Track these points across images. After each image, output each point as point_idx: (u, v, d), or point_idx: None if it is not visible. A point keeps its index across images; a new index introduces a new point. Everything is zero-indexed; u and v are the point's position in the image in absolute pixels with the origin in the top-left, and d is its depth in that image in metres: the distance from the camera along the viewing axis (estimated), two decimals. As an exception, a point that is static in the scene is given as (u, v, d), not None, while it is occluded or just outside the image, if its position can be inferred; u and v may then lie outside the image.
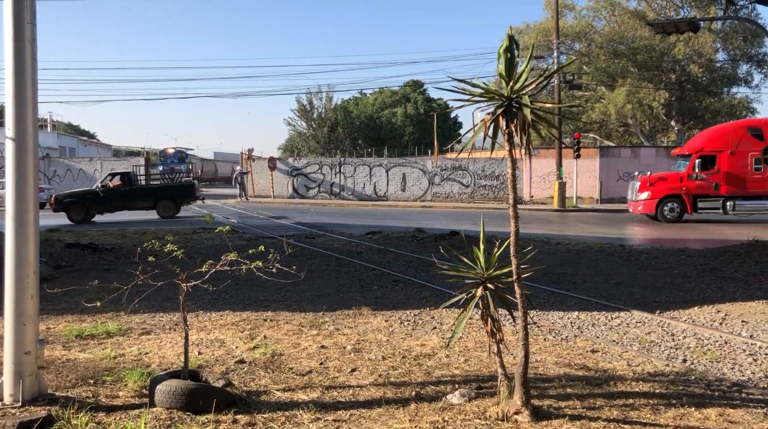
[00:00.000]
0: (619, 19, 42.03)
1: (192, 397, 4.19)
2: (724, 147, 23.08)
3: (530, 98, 4.18)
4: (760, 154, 22.84)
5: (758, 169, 22.95)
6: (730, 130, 23.87)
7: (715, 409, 4.50)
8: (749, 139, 23.10)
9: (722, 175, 22.99)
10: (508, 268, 4.34)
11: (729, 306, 8.31)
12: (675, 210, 23.28)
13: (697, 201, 23.21)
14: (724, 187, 23.03)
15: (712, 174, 23.04)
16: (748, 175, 22.98)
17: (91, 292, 6.41)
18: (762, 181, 23.00)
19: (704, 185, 23.05)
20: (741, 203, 23.10)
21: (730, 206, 22.96)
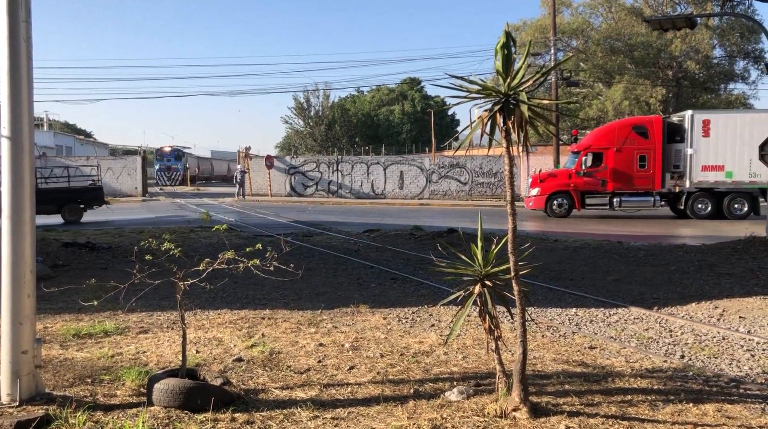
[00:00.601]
0: (616, 15, 42.07)
1: (190, 395, 4.18)
2: (610, 144, 23.94)
3: (527, 95, 4.17)
4: (647, 152, 23.75)
5: (643, 167, 23.83)
6: (617, 128, 24.74)
7: (712, 404, 4.51)
8: (635, 137, 23.98)
9: (609, 171, 23.92)
10: (506, 265, 4.34)
11: (726, 302, 8.33)
12: (563, 205, 24.18)
13: (585, 197, 24.13)
14: (611, 184, 23.91)
15: (600, 171, 23.89)
16: (634, 172, 23.84)
17: (89, 291, 6.40)
18: (647, 178, 23.89)
19: (592, 182, 23.97)
20: (627, 199, 24.02)
21: (616, 202, 23.91)
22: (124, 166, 39.68)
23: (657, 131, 23.99)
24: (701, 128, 23.39)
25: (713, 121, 23.51)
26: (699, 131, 23.41)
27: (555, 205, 24.19)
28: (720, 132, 23.37)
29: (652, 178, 23.94)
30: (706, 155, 23.36)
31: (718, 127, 23.44)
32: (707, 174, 23.43)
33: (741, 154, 23.10)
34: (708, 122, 23.43)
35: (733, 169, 23.24)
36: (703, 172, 23.43)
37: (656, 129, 24.02)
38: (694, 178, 23.48)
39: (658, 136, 23.81)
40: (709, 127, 23.37)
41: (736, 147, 23.24)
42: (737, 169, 23.19)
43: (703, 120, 23.47)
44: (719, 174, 23.32)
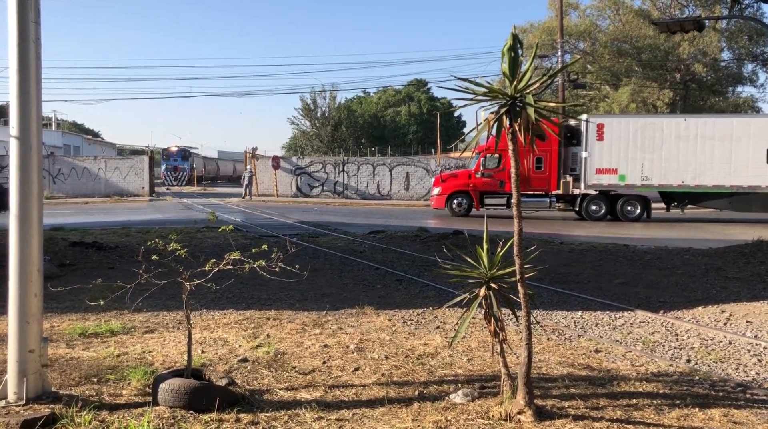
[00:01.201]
0: (624, 18, 41.92)
1: (195, 395, 4.19)
2: (508, 146, 24.07)
3: (534, 97, 4.17)
4: (543, 154, 24.46)
5: (539, 169, 24.62)
6: None
7: (719, 409, 4.48)
8: None
9: (507, 173, 24.06)
10: (512, 267, 4.33)
11: (733, 306, 8.29)
12: (462, 205, 25.07)
13: (484, 197, 24.93)
14: (509, 185, 23.96)
15: (498, 172, 24.60)
16: (531, 174, 24.46)
17: (95, 290, 6.41)
18: (543, 180, 24.69)
19: (490, 182, 24.78)
20: (524, 200, 23.96)
21: None
22: (131, 166, 39.82)
23: (554, 135, 24.38)
24: (596, 132, 23.83)
25: (607, 125, 23.96)
26: (593, 135, 23.84)
27: (455, 204, 25.06)
28: (614, 136, 23.84)
29: (548, 180, 24.64)
30: (600, 159, 23.85)
31: (611, 131, 23.91)
32: (601, 177, 23.89)
33: (634, 158, 23.67)
34: (602, 126, 23.85)
35: (626, 173, 23.68)
36: (598, 175, 23.92)
37: None
38: (588, 181, 23.95)
39: (555, 139, 24.27)
40: (603, 131, 23.80)
41: (629, 151, 23.75)
42: (630, 173, 23.70)
43: (598, 124, 23.86)
44: (613, 177, 23.77)
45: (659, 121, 24.69)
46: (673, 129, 23.54)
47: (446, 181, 25.60)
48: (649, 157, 23.48)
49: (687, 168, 23.23)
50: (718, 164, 23.06)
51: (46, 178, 36.81)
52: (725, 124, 23.86)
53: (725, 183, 23.15)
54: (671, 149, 23.41)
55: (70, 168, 39.11)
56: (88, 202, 34.29)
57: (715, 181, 23.20)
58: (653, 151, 23.45)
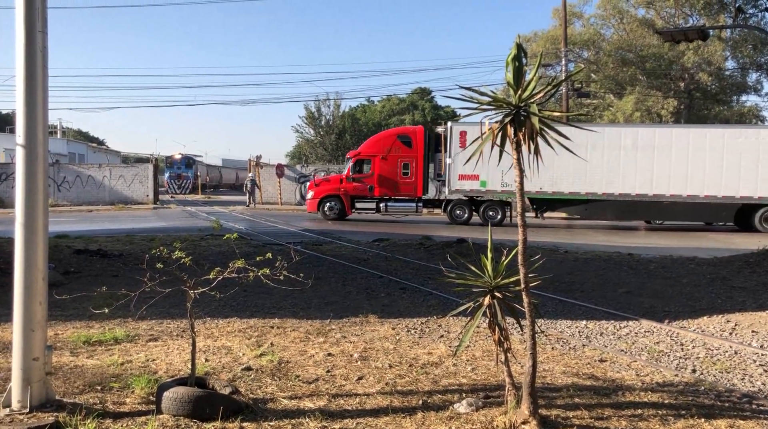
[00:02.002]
0: (628, 27, 41.99)
1: (199, 404, 4.19)
2: (377, 152, 25.90)
3: (538, 107, 4.18)
4: (410, 160, 25.71)
5: (407, 174, 25.77)
6: (383, 137, 26.88)
7: (725, 420, 4.46)
8: (399, 145, 25.95)
9: (376, 178, 25.86)
10: (516, 276, 4.33)
11: (739, 316, 8.25)
12: (334, 209, 26.02)
13: (355, 201, 26.03)
14: (378, 190, 25.84)
15: (368, 177, 25.82)
16: (399, 179, 25.79)
17: (99, 298, 6.41)
18: (410, 185, 25.81)
19: (360, 187, 25.86)
20: (392, 205, 26.02)
21: (383, 207, 25.86)
22: (135, 174, 39.92)
23: (420, 141, 25.90)
24: (458, 139, 24.66)
25: (470, 132, 24.43)
26: (457, 142, 24.67)
27: (326, 208, 26.02)
28: (476, 143, 23.79)
29: (414, 186, 25.82)
30: (463, 165, 24.40)
31: (473, 138, 24.04)
32: (464, 183, 24.85)
33: (494, 165, 23.35)
34: (465, 134, 24.52)
35: (486, 179, 24.63)
36: (461, 180, 24.85)
37: (419, 139, 25.94)
38: (452, 187, 24.96)
39: (421, 146, 25.71)
40: (466, 139, 24.50)
41: (490, 158, 23.66)
42: (491, 179, 24.55)
43: (460, 131, 24.59)
44: (475, 183, 24.74)
45: None
46: None
47: (319, 186, 26.53)
48: (509, 164, 23.72)
49: (545, 175, 23.99)
50: (573, 172, 23.95)
51: (51, 185, 36.90)
52: (580, 132, 23.94)
53: (581, 190, 24.23)
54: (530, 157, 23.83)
55: (74, 176, 39.23)
56: (93, 209, 34.37)
57: (571, 189, 24.25)
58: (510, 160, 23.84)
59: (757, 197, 23.14)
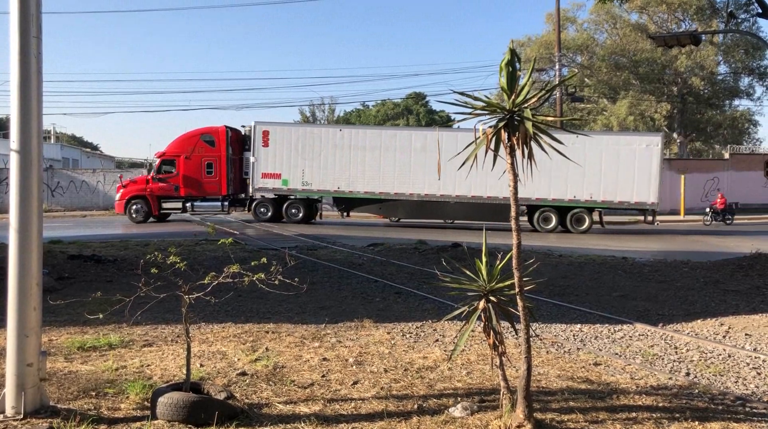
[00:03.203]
0: (621, 32, 42.22)
1: (194, 409, 4.18)
2: (181, 152, 26.18)
3: (532, 111, 4.20)
4: (214, 160, 26.09)
5: (210, 173, 26.13)
6: (187, 138, 26.90)
7: (718, 423, 4.48)
8: (203, 145, 26.30)
9: (181, 178, 25.97)
10: (511, 280, 4.34)
11: (732, 319, 8.29)
12: (140, 210, 26.05)
13: (161, 202, 26.11)
14: (183, 190, 26.14)
15: (173, 177, 26.04)
16: (203, 179, 26.07)
17: (94, 303, 6.41)
18: (214, 184, 26.22)
19: (167, 187, 26.00)
20: (198, 204, 26.49)
21: (189, 207, 26.21)
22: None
23: (222, 140, 26.20)
24: (261, 138, 25.37)
25: (272, 132, 25.37)
26: (260, 141, 25.38)
27: (133, 209, 25.86)
28: (278, 143, 25.42)
29: (219, 185, 26.12)
30: (266, 164, 25.38)
31: (276, 138, 25.49)
32: (267, 181, 25.42)
33: (296, 164, 25.32)
34: (267, 133, 25.36)
35: (288, 178, 25.35)
36: (264, 179, 25.43)
37: (221, 138, 26.24)
38: (256, 185, 25.50)
39: (224, 145, 26.02)
40: (269, 138, 25.36)
41: (291, 157, 25.39)
42: (292, 178, 25.31)
43: (263, 131, 25.34)
44: (277, 181, 25.35)
45: (318, 130, 26.81)
46: (330, 138, 25.46)
47: (126, 187, 26.37)
48: (309, 163, 25.34)
49: (342, 175, 25.14)
50: (369, 173, 25.07)
51: (45, 191, 36.78)
52: (375, 135, 25.81)
53: (375, 190, 25.10)
54: (328, 157, 25.33)
55: (68, 181, 39.07)
56: (87, 215, 34.22)
57: (366, 188, 25.14)
58: (312, 159, 25.34)
59: (534, 199, 24.30)
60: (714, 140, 45.31)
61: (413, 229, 24.12)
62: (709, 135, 44.03)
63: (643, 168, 23.93)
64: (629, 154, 24.07)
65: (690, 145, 45.44)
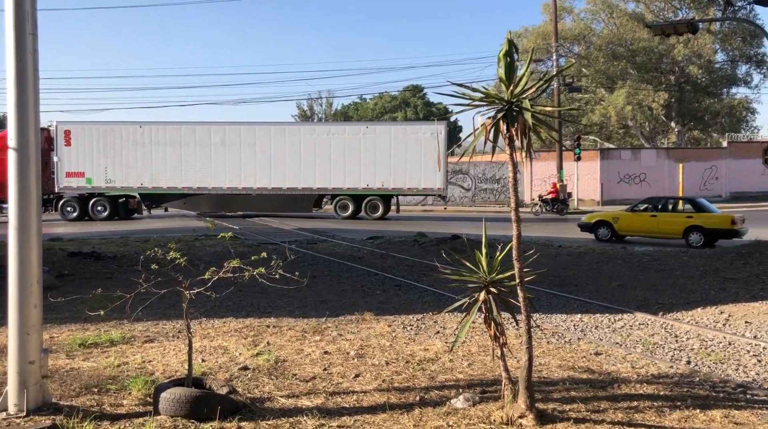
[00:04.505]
0: (618, 21, 42.09)
1: (196, 404, 4.19)
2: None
3: (530, 102, 4.19)
4: None
5: None
6: None
7: (720, 410, 4.49)
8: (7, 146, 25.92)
9: None
10: (511, 271, 4.35)
11: (732, 307, 8.31)
12: None
13: None
14: None
15: None
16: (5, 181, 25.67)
17: (94, 300, 6.42)
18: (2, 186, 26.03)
19: None
20: (5, 206, 25.77)
21: None
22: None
23: None
24: (63, 138, 25.50)
25: (74, 131, 25.45)
26: (62, 141, 25.51)
27: None
28: (80, 142, 25.67)
29: None
30: (69, 163, 25.58)
31: (78, 137, 25.70)
32: (71, 180, 25.67)
33: (98, 162, 25.66)
34: (69, 132, 25.45)
35: (92, 176, 25.66)
36: (68, 178, 25.65)
37: None
38: (61, 184, 25.63)
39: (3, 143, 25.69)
40: (71, 137, 25.46)
41: (93, 156, 25.72)
42: (96, 176, 25.62)
43: (65, 130, 25.46)
44: (81, 180, 25.66)
45: (118, 127, 26.41)
46: (131, 135, 25.92)
47: None
48: (111, 161, 25.66)
49: (145, 171, 25.53)
50: (171, 168, 25.67)
51: (43, 188, 36.68)
52: (175, 130, 26.09)
53: (178, 185, 25.78)
54: (130, 154, 25.71)
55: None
56: (86, 212, 34.16)
57: (169, 183, 25.75)
58: (114, 156, 25.66)
59: (331, 188, 25.75)
60: (712, 129, 45.24)
61: (412, 222, 24.14)
62: (707, 123, 43.97)
63: (429, 155, 25.12)
64: (415, 143, 25.35)
65: (688, 133, 45.40)
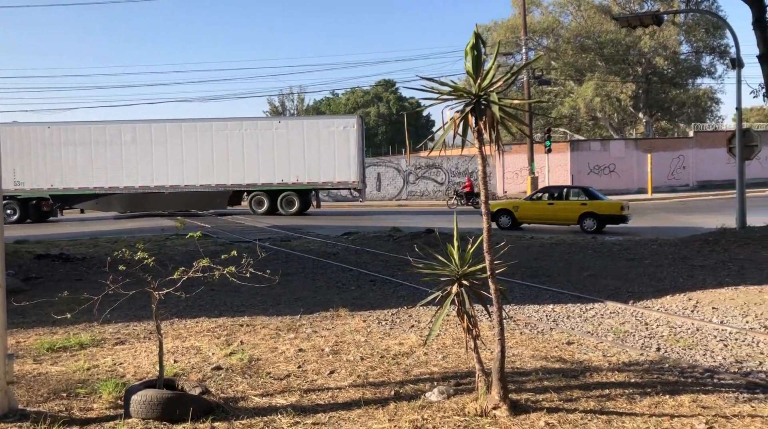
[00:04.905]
0: (585, 14, 42.59)
1: (168, 406, 4.13)
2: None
3: (499, 95, 4.20)
4: None
5: None
6: None
7: (688, 395, 4.58)
8: None
9: None
10: (483, 264, 4.37)
11: (700, 294, 8.47)
12: None
13: None
14: None
15: None
16: None
17: (62, 303, 6.29)
18: None
19: None
20: None
21: None
22: None
23: None
24: None
25: None
26: None
27: None
28: None
29: None
30: None
31: None
32: None
33: (6, 164, 25.19)
34: None
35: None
36: None
37: None
38: None
39: None
40: None
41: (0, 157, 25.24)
42: (3, 178, 24.98)
43: None
44: None
45: (26, 128, 26.26)
46: (39, 136, 25.56)
47: None
48: (20, 162, 25.42)
49: (55, 172, 25.43)
50: (82, 168, 25.50)
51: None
52: (84, 130, 26.10)
53: (90, 185, 25.67)
54: (39, 155, 25.64)
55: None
56: (53, 213, 33.50)
57: (80, 184, 25.59)
58: (23, 157, 25.45)
59: (245, 184, 25.68)
60: (679, 119, 46.11)
61: (330, 217, 24.40)
62: (673, 114, 44.79)
63: (343, 149, 25.37)
64: (329, 137, 25.44)
65: (655, 124, 46.18)
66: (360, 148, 25.74)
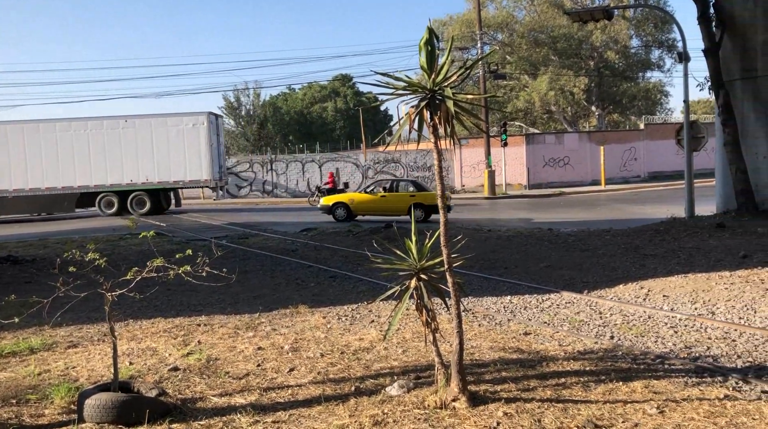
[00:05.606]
0: (539, 8, 43.21)
1: (123, 409, 4.04)
2: None
3: (453, 90, 4.23)
4: None
5: None
6: None
7: (640, 381, 4.72)
8: None
9: None
10: (440, 258, 4.40)
11: (651, 282, 8.72)
12: None
13: None
14: None
15: None
16: None
17: (10, 307, 6.06)
18: None
19: None
20: None
21: None
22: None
23: None
24: None
25: None
26: None
27: None
28: None
29: None
30: None
31: None
32: None
33: None
34: None
35: None
36: None
37: None
38: None
39: None
40: None
41: None
42: None
43: None
44: None
45: None
46: None
47: None
48: None
49: None
50: None
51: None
52: None
53: None
54: None
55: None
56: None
57: None
58: None
59: (93, 185, 25.17)
60: (630, 112, 47.28)
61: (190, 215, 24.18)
62: (625, 107, 45.92)
63: (193, 147, 25.18)
64: (178, 134, 25.23)
65: (608, 117, 47.25)
66: (212, 146, 25.31)
